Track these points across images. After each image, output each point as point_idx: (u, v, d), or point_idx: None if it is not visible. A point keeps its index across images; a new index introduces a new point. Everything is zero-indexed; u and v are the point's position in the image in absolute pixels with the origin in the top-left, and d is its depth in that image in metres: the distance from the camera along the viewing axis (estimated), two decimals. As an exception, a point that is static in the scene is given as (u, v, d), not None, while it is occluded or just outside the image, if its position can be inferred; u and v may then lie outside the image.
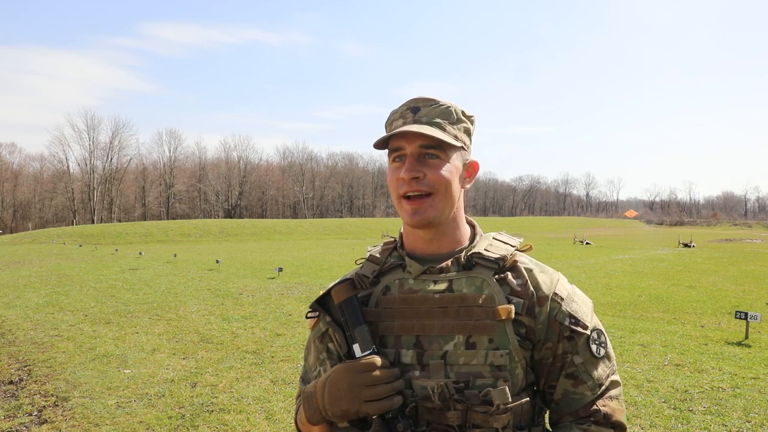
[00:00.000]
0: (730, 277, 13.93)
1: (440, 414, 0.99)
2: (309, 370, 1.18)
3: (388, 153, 1.11)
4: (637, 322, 8.03)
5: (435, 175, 1.04)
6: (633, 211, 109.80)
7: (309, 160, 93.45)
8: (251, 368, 5.63)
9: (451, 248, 1.12)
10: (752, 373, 5.32)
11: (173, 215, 74.50)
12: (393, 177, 1.08)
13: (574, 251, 24.83)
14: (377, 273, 1.13)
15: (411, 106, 1.10)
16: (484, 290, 1.04)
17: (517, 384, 1.02)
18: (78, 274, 14.87)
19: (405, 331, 1.05)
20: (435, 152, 1.05)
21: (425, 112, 1.08)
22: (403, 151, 1.06)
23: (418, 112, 1.08)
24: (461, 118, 1.11)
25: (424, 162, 1.05)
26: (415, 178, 1.04)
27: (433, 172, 1.04)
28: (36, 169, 72.15)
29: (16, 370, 5.64)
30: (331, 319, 1.11)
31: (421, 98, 1.10)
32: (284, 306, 9.40)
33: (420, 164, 1.05)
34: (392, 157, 1.09)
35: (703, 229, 69.74)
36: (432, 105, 1.09)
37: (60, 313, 8.72)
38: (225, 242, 39.19)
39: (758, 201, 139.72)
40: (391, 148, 1.09)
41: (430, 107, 1.08)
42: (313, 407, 1.04)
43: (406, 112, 1.09)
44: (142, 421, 4.20)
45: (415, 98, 1.10)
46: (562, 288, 1.09)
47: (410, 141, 1.05)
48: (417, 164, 1.05)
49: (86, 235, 38.63)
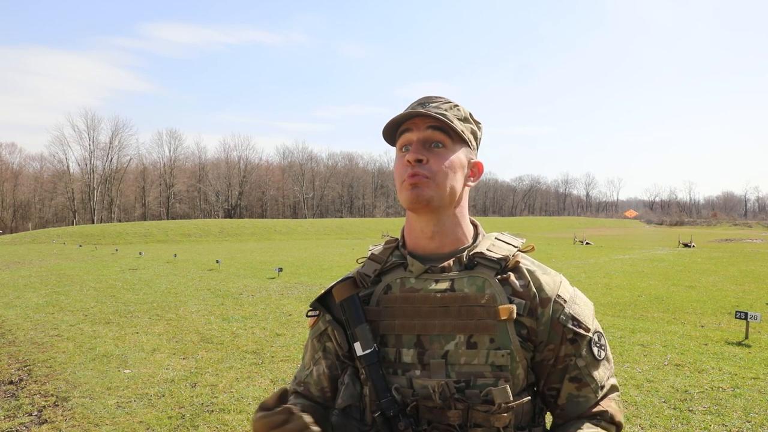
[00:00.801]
0: (730, 277, 13.92)
1: (441, 413, 0.99)
2: (302, 369, 1.19)
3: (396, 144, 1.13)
4: (637, 322, 8.03)
5: (437, 162, 1.06)
6: (633, 211, 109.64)
7: (309, 160, 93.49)
8: (251, 368, 5.63)
9: (453, 247, 1.12)
10: (752, 373, 5.32)
11: (173, 215, 74.49)
12: (399, 164, 1.09)
13: (574, 251, 24.82)
14: (379, 272, 1.13)
15: (421, 101, 1.12)
16: (486, 290, 1.04)
17: (518, 384, 1.02)
18: (78, 274, 14.86)
19: (406, 330, 1.05)
20: (441, 140, 1.07)
21: (435, 105, 1.10)
22: (410, 135, 1.08)
23: (427, 105, 1.10)
24: (469, 118, 1.13)
25: (430, 149, 1.07)
26: (419, 161, 1.05)
27: (435, 159, 1.06)
28: (36, 169, 72.23)
29: (16, 370, 5.64)
30: (332, 318, 1.11)
31: (431, 96, 1.12)
32: (284, 306, 9.40)
33: (425, 150, 1.06)
34: (400, 146, 1.10)
35: (703, 229, 69.74)
36: (441, 100, 1.11)
37: (60, 313, 8.72)
38: (225, 242, 39.19)
39: (758, 201, 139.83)
40: (399, 139, 1.10)
41: (440, 102, 1.11)
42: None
43: (416, 106, 1.11)
44: (142, 421, 4.20)
45: (426, 96, 1.12)
46: (565, 290, 1.09)
47: (418, 127, 1.07)
48: (422, 149, 1.06)
49: (86, 235, 38.62)
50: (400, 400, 1.01)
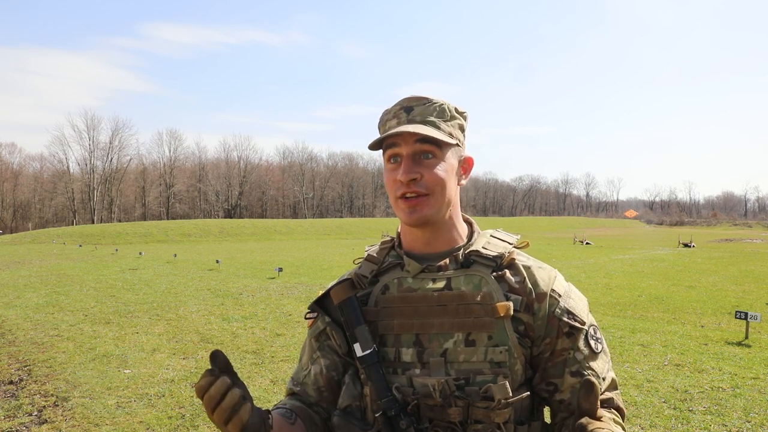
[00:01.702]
0: (730, 277, 13.92)
1: (442, 411, 1.00)
2: (300, 370, 1.18)
3: (383, 154, 1.10)
4: (637, 322, 8.03)
5: (432, 175, 1.04)
6: (633, 211, 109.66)
7: (309, 160, 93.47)
8: (251, 368, 5.63)
9: (449, 246, 1.12)
10: (752, 373, 5.32)
11: (173, 215, 74.50)
12: (390, 178, 1.07)
13: (574, 251, 24.83)
14: (376, 272, 1.13)
15: (404, 105, 1.09)
16: (483, 288, 1.05)
17: (517, 380, 1.03)
18: (78, 274, 14.87)
19: (405, 330, 1.06)
20: (431, 150, 1.04)
21: (419, 111, 1.07)
22: (398, 150, 1.05)
23: (411, 111, 1.07)
24: (455, 114, 1.10)
25: (420, 162, 1.05)
26: (413, 180, 1.03)
27: (429, 173, 1.04)
28: (36, 169, 72.23)
29: (16, 370, 5.64)
30: (331, 320, 1.11)
31: (413, 97, 1.09)
32: (284, 306, 9.40)
33: (416, 165, 1.04)
34: (388, 157, 1.08)
35: (703, 229, 69.71)
36: (425, 104, 1.08)
37: (60, 313, 8.73)
38: (225, 242, 39.19)
39: (758, 201, 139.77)
40: (386, 149, 1.08)
41: (424, 106, 1.08)
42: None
43: (399, 112, 1.08)
44: (142, 421, 4.20)
45: (408, 97, 1.09)
46: (560, 285, 1.10)
47: (406, 141, 1.04)
48: (413, 165, 1.04)
49: (86, 235, 38.62)
50: (400, 399, 1.02)
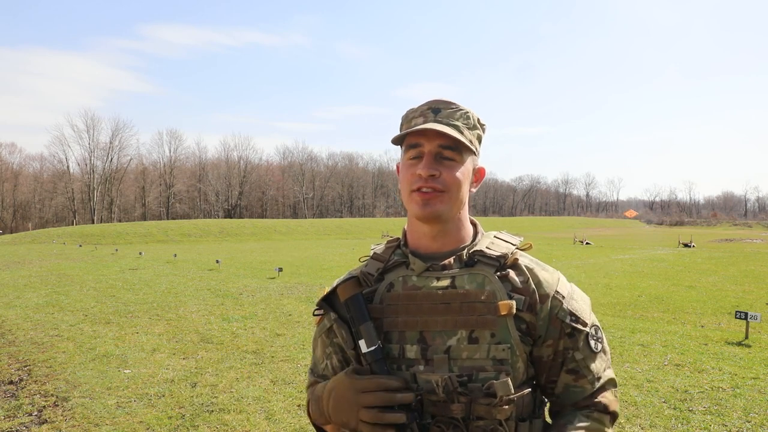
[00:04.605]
0: (730, 277, 13.93)
1: (445, 407, 1.02)
2: (317, 362, 1.23)
3: (403, 148, 1.14)
4: (637, 322, 8.03)
5: (450, 175, 1.08)
6: (633, 211, 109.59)
7: (309, 160, 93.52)
8: (251, 368, 5.63)
9: (454, 245, 1.15)
10: (752, 373, 5.33)
11: (173, 215, 74.51)
12: (408, 172, 1.10)
13: (574, 251, 24.83)
14: (381, 270, 1.15)
15: (432, 106, 1.13)
16: (486, 286, 1.07)
17: (519, 377, 1.06)
18: (78, 274, 14.87)
19: (409, 327, 1.08)
20: (451, 154, 1.08)
21: (446, 114, 1.11)
22: (421, 148, 1.09)
23: (439, 113, 1.11)
24: (476, 125, 1.15)
25: (441, 162, 1.09)
26: (432, 176, 1.07)
27: (448, 173, 1.08)
28: (36, 169, 72.26)
29: (16, 370, 5.64)
30: (337, 316, 1.13)
31: (442, 100, 1.13)
32: (284, 306, 9.40)
33: (437, 163, 1.08)
34: (409, 153, 1.11)
35: (703, 229, 69.75)
36: (452, 108, 1.12)
37: (60, 313, 8.72)
38: (225, 242, 39.19)
39: (758, 201, 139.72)
40: (408, 144, 1.11)
41: (451, 110, 1.12)
42: (320, 410, 1.10)
43: (426, 111, 1.12)
44: (142, 421, 4.20)
45: (436, 99, 1.13)
46: (563, 286, 1.13)
47: (430, 139, 1.08)
48: (434, 163, 1.08)
49: (86, 235, 38.62)
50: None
